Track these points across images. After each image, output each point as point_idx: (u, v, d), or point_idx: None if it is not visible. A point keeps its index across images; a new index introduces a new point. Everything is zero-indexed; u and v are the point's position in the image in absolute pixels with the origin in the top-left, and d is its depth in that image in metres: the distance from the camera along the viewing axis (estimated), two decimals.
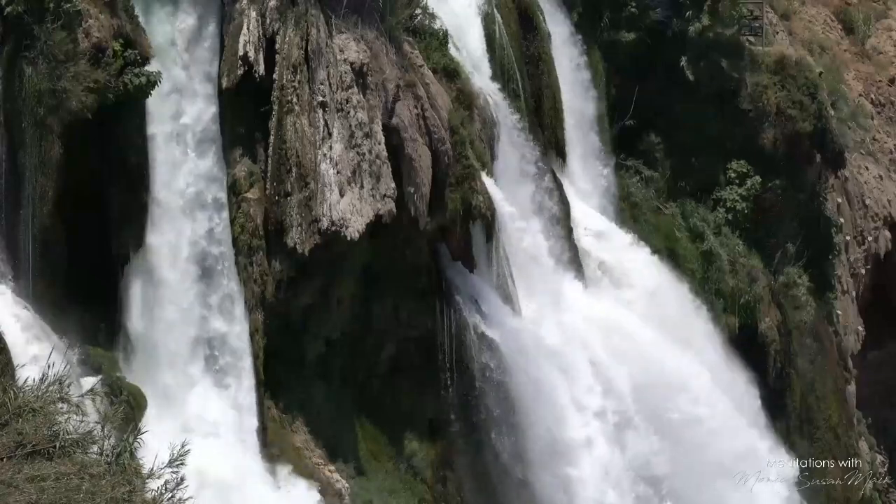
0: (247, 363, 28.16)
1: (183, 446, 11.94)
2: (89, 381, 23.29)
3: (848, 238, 45.50)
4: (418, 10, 32.49)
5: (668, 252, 39.97)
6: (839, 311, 44.51)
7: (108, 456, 12.23)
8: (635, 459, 34.25)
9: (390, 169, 29.36)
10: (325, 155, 28.55)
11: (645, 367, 35.25)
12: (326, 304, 29.75)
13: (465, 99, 33.16)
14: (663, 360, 35.88)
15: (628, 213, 39.98)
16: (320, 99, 28.65)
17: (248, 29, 28.13)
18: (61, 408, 12.30)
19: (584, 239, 37.36)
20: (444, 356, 31.46)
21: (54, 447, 11.90)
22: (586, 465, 33.11)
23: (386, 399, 31.15)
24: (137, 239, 26.57)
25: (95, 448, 12.31)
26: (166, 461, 11.87)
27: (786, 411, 41.64)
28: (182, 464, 11.88)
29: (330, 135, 28.72)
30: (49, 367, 12.67)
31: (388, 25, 30.41)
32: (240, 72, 28.07)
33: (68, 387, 12.51)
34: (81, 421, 12.56)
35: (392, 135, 29.79)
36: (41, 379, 12.48)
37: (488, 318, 31.93)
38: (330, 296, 29.79)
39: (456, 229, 31.78)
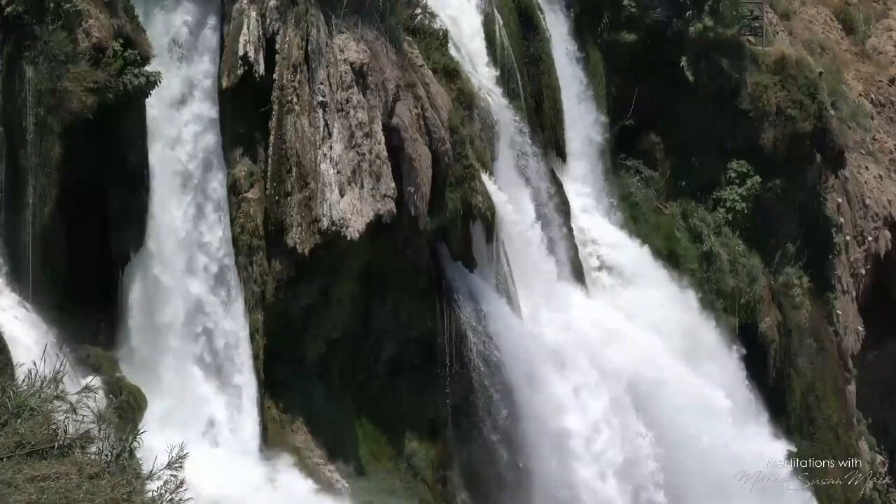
0: (247, 363, 28.17)
1: (181, 449, 11.94)
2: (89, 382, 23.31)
3: (848, 238, 45.48)
4: (418, 10, 32.51)
5: (668, 252, 39.96)
6: (839, 311, 44.48)
7: (107, 456, 12.23)
8: (636, 459, 34.25)
9: (390, 169, 29.37)
10: (325, 155, 28.57)
11: (644, 368, 35.29)
12: (326, 304, 29.76)
13: (465, 99, 33.17)
14: (662, 361, 35.91)
15: (628, 213, 39.97)
16: (320, 99, 28.67)
17: (248, 29, 28.14)
18: (59, 406, 12.31)
19: (583, 238, 37.36)
20: (444, 356, 31.45)
21: (53, 447, 11.91)
22: (587, 464, 33.11)
23: (386, 399, 31.15)
24: (137, 239, 26.57)
25: (94, 448, 12.32)
26: (165, 463, 11.87)
27: (786, 411, 41.63)
28: (180, 466, 11.88)
29: (330, 135, 28.73)
30: (38, 363, 12.66)
31: (388, 25, 30.42)
32: (240, 72, 28.10)
33: (62, 380, 12.50)
34: (81, 421, 12.57)
35: (392, 135, 29.79)
36: (29, 375, 12.47)
37: (488, 318, 31.92)
38: (330, 296, 29.80)
39: (456, 229, 31.78)
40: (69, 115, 24.81)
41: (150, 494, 11.89)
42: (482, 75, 34.74)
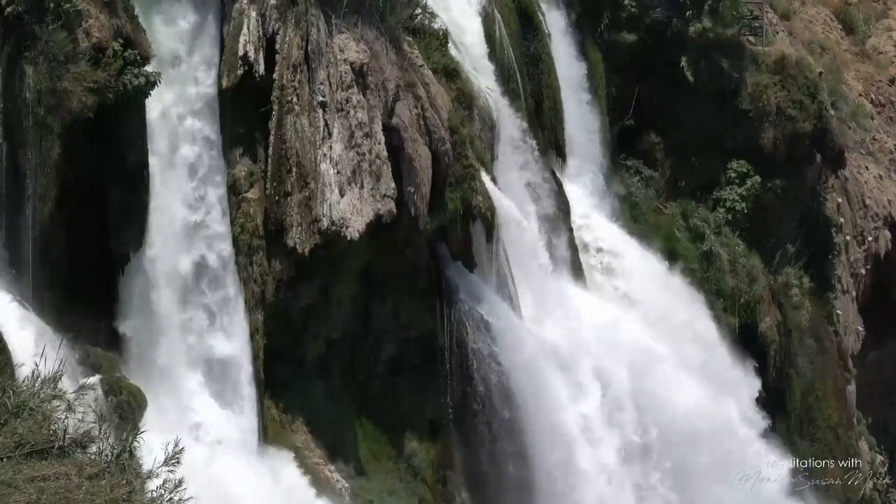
0: (247, 363, 28.16)
1: (176, 445, 11.93)
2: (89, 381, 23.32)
3: (848, 238, 45.49)
4: (418, 10, 32.51)
5: (668, 252, 39.98)
6: (839, 311, 44.49)
7: (107, 456, 12.22)
8: (636, 457, 34.26)
9: (390, 169, 29.37)
10: (325, 155, 28.56)
11: (644, 367, 35.29)
12: (326, 304, 29.76)
13: (465, 99, 33.17)
14: (662, 360, 35.92)
15: (628, 212, 39.98)
16: (320, 99, 28.66)
17: (248, 29, 28.14)
18: (57, 405, 12.31)
19: (584, 239, 37.37)
20: (444, 356, 31.46)
21: (53, 447, 11.90)
22: (586, 464, 33.11)
23: (386, 399, 31.15)
24: (137, 239, 26.56)
25: (94, 448, 12.31)
26: (162, 461, 11.86)
27: (786, 411, 41.65)
28: (177, 462, 11.87)
29: (330, 135, 28.73)
30: (39, 363, 12.65)
31: (388, 25, 30.42)
32: (240, 72, 28.09)
33: (62, 379, 12.49)
34: (80, 420, 12.57)
35: (392, 135, 29.79)
36: (31, 375, 12.46)
37: (488, 318, 31.92)
38: (330, 296, 29.80)
39: (456, 229, 31.78)
40: (69, 115, 24.79)
41: (149, 495, 11.88)
42: (482, 75, 34.74)
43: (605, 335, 35.21)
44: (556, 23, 38.75)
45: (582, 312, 35.14)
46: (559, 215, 36.04)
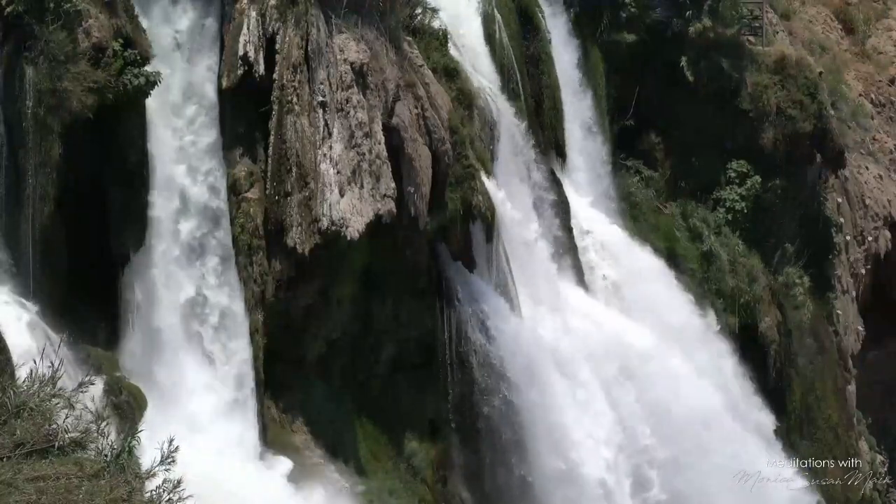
0: (247, 363, 28.16)
1: (171, 443, 11.94)
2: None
3: (848, 238, 45.51)
4: (418, 10, 32.52)
5: (668, 252, 39.99)
6: (839, 311, 44.51)
7: (106, 456, 12.23)
8: (636, 457, 34.27)
9: (390, 169, 29.38)
10: (325, 155, 28.56)
11: (644, 365, 35.31)
12: (326, 304, 29.76)
13: (465, 99, 33.18)
14: (662, 360, 35.93)
15: (628, 212, 40.00)
16: (320, 99, 28.66)
17: (248, 29, 28.13)
18: (56, 403, 12.32)
19: (583, 239, 37.38)
20: (444, 356, 31.46)
21: (53, 447, 11.91)
22: (587, 464, 33.11)
23: (386, 399, 31.16)
24: (137, 239, 26.58)
25: (94, 447, 12.31)
26: (158, 460, 11.87)
27: (786, 411, 41.66)
28: (172, 461, 11.88)
29: (330, 135, 28.73)
30: (38, 363, 12.66)
31: (388, 25, 30.42)
32: (240, 72, 28.08)
33: (62, 378, 12.50)
34: (78, 418, 12.57)
35: (392, 135, 29.79)
36: (30, 375, 12.47)
37: (488, 318, 31.93)
38: (330, 296, 29.80)
39: (456, 229, 31.79)
40: (69, 115, 24.81)
41: (148, 494, 11.89)
42: (482, 75, 34.75)
43: (605, 335, 35.23)
44: (556, 23, 38.76)
45: (581, 312, 35.16)
46: (559, 215, 36.05)
